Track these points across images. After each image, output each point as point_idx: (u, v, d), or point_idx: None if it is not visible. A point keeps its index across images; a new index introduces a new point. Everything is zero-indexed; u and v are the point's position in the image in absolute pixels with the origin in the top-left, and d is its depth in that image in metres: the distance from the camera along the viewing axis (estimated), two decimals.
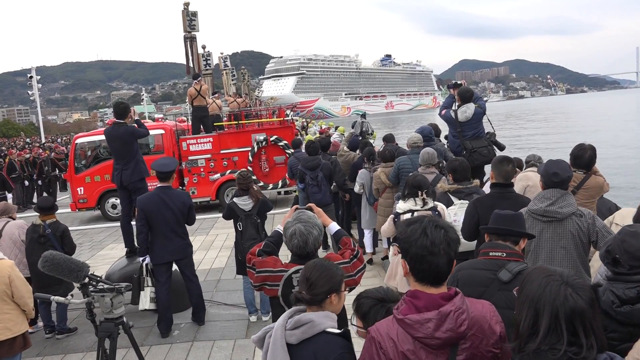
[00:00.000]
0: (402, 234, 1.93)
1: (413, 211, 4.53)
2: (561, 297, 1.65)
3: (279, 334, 2.22)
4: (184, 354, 5.21)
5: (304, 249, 2.82)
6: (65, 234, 5.76)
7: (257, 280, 2.85)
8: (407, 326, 1.82)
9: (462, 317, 1.80)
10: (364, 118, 10.47)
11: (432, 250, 1.84)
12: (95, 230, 11.97)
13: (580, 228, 3.35)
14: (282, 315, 2.34)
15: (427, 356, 1.80)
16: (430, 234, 1.86)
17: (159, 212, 5.52)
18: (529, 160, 5.97)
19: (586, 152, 4.45)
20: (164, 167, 5.69)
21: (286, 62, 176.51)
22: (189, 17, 16.40)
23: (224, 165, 12.60)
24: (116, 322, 3.30)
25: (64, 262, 2.87)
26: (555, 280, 1.70)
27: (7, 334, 4.01)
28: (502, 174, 4.09)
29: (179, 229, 5.67)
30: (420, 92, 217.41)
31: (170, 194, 5.64)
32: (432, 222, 1.92)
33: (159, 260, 5.61)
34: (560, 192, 3.43)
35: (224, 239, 9.78)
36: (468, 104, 6.64)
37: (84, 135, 14.05)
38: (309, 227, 2.82)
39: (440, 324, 1.78)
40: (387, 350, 1.83)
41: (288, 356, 2.18)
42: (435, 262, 1.85)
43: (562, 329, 1.63)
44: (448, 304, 1.81)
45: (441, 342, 1.78)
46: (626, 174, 18.06)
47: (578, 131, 35.84)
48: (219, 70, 25.69)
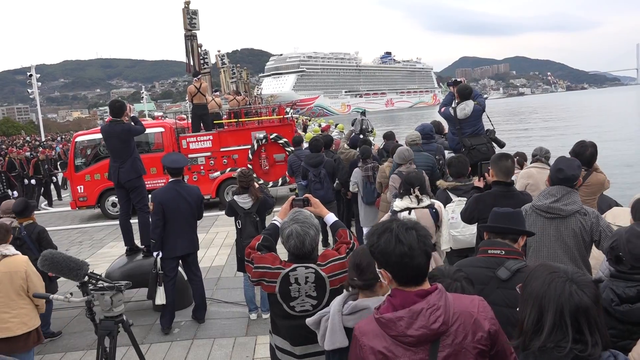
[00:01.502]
0: (375, 247, 1.90)
1: (410, 209, 4.52)
2: (566, 294, 1.65)
3: (337, 319, 2.40)
4: (184, 351, 5.22)
5: (301, 250, 2.82)
6: (42, 236, 5.62)
7: (254, 275, 2.87)
8: (382, 325, 1.85)
9: (436, 313, 1.80)
10: (364, 116, 10.45)
11: (412, 254, 1.84)
12: (96, 228, 11.97)
13: (583, 226, 3.34)
14: (336, 300, 2.51)
15: (404, 353, 1.81)
16: (405, 239, 1.85)
17: (176, 205, 5.59)
18: (535, 154, 5.88)
19: (587, 149, 4.44)
20: (174, 163, 5.78)
21: (286, 59, 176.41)
22: (189, 16, 16.40)
23: (224, 163, 12.59)
24: (116, 320, 3.30)
25: (63, 260, 2.87)
26: (560, 277, 1.70)
27: (23, 329, 4.15)
28: (503, 169, 4.04)
29: (193, 222, 5.80)
30: (421, 90, 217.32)
31: (185, 187, 5.79)
32: (401, 226, 1.91)
33: (170, 254, 5.66)
34: (565, 190, 3.42)
35: (224, 237, 9.79)
36: (467, 101, 6.63)
37: (83, 133, 14.05)
38: (305, 228, 2.82)
39: (411, 321, 1.80)
40: (366, 349, 1.87)
41: (347, 339, 2.32)
42: (416, 264, 1.85)
43: (567, 325, 1.62)
44: (422, 302, 1.82)
45: (415, 340, 1.79)
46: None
47: (595, 132, 35.28)
48: (217, 68, 25.67)
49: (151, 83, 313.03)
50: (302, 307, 2.85)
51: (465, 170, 5.11)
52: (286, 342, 2.92)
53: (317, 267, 2.83)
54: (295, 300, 2.84)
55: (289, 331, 2.90)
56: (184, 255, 5.79)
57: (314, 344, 2.84)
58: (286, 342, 2.92)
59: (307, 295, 2.84)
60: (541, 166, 5.66)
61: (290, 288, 2.83)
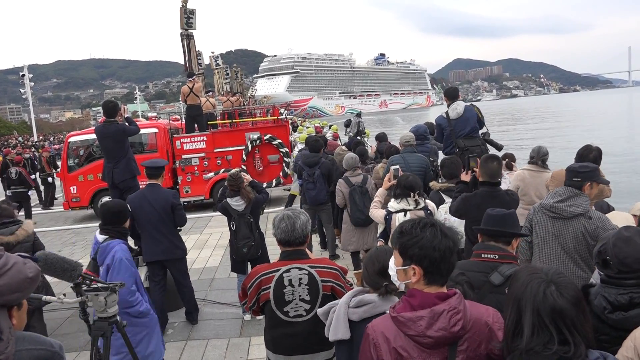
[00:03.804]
0: (416, 240, 1.86)
1: (406, 211, 4.55)
2: (540, 295, 1.66)
3: (342, 311, 2.41)
4: (177, 353, 5.21)
5: (292, 234, 2.87)
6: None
7: (254, 293, 2.91)
8: (400, 324, 1.83)
9: (457, 317, 1.79)
10: (360, 117, 10.48)
11: (454, 250, 1.86)
12: (89, 229, 11.89)
13: (586, 229, 3.34)
14: (347, 293, 2.52)
15: (419, 354, 1.80)
16: (449, 234, 1.88)
17: (141, 210, 5.43)
18: (532, 156, 5.75)
19: (591, 152, 4.44)
20: (152, 162, 5.66)
21: (280, 60, 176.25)
22: (186, 15, 16.30)
23: (218, 164, 12.57)
24: (110, 321, 3.30)
25: (57, 261, 2.85)
26: (538, 278, 1.71)
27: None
28: (488, 172, 4.16)
29: (164, 229, 5.50)
30: (414, 91, 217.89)
31: (155, 192, 5.51)
32: (439, 223, 1.93)
33: (149, 258, 5.54)
34: (573, 192, 3.44)
35: (217, 238, 9.77)
36: (457, 102, 6.66)
37: (77, 133, 13.98)
38: (296, 213, 2.94)
39: (432, 322, 1.78)
40: (380, 348, 1.85)
41: (349, 331, 2.36)
42: (453, 261, 1.88)
43: (548, 327, 1.63)
44: (443, 304, 1.81)
45: (433, 341, 1.78)
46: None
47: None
48: (211, 69, 25.59)
49: (145, 83, 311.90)
50: (296, 311, 2.87)
51: (457, 172, 5.13)
52: (280, 357, 2.94)
53: (310, 269, 2.86)
54: (289, 305, 2.86)
55: (284, 341, 2.91)
56: (165, 261, 5.63)
57: (311, 354, 2.86)
58: (280, 356, 2.94)
59: (300, 299, 2.86)
60: (536, 169, 5.59)
61: (285, 291, 2.85)
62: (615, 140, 26.92)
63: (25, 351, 1.71)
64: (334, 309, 2.47)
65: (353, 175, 6.54)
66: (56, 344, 1.86)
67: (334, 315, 2.45)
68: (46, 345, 1.81)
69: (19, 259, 1.73)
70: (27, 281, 1.71)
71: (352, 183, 6.45)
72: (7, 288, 1.65)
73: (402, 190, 4.62)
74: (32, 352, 1.74)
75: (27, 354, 1.72)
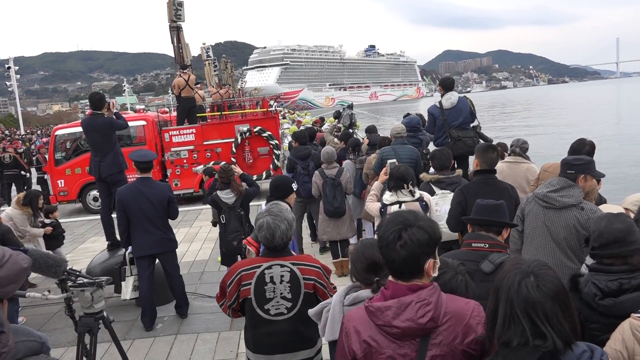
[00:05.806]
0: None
1: (401, 202, 4.54)
2: (515, 286, 1.63)
3: (337, 309, 2.38)
4: (167, 347, 5.17)
5: (271, 242, 2.84)
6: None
7: (234, 289, 2.87)
8: (370, 313, 1.85)
9: (426, 308, 1.77)
10: (351, 109, 10.41)
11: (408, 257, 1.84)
12: (77, 223, 11.80)
13: (578, 220, 3.34)
14: (338, 291, 2.48)
15: (389, 345, 1.80)
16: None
17: (136, 203, 5.36)
18: (512, 145, 5.77)
19: (584, 146, 4.42)
20: (142, 157, 5.53)
21: (270, 52, 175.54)
22: (175, 7, 16.13)
23: (207, 156, 12.49)
24: (96, 316, 3.26)
25: (41, 257, 2.80)
26: (517, 269, 1.68)
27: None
28: (487, 161, 4.19)
29: (158, 222, 5.47)
30: (404, 83, 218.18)
31: (149, 185, 5.46)
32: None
33: (138, 252, 5.48)
34: (566, 182, 3.44)
35: (207, 231, 9.71)
36: (451, 92, 6.66)
37: (64, 126, 13.82)
38: (277, 221, 2.83)
39: (399, 312, 1.78)
40: (351, 338, 1.87)
41: None
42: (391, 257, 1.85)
43: (520, 319, 1.60)
44: (412, 295, 1.80)
45: (401, 332, 1.77)
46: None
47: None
48: (201, 61, 25.35)
49: (133, 76, 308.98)
50: (277, 309, 2.83)
51: (448, 163, 5.13)
52: (260, 356, 2.90)
53: (292, 266, 2.82)
54: (270, 302, 2.82)
55: (265, 340, 2.87)
56: (159, 255, 5.60)
57: (292, 353, 2.83)
58: (260, 355, 2.90)
59: (282, 296, 2.82)
60: (513, 160, 5.59)
61: (266, 288, 2.81)
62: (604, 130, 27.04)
63: (20, 343, 1.78)
64: (328, 308, 2.43)
65: (328, 167, 6.82)
66: (43, 336, 1.95)
67: (328, 315, 2.41)
68: (36, 337, 1.90)
69: (12, 251, 1.76)
70: (22, 272, 1.76)
71: (327, 175, 6.71)
72: (6, 280, 1.68)
73: (396, 182, 4.61)
74: (26, 344, 1.82)
75: (22, 345, 1.79)
